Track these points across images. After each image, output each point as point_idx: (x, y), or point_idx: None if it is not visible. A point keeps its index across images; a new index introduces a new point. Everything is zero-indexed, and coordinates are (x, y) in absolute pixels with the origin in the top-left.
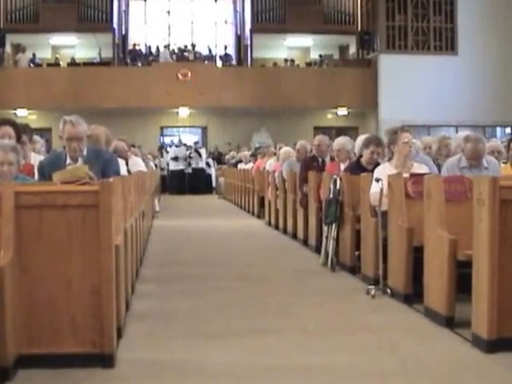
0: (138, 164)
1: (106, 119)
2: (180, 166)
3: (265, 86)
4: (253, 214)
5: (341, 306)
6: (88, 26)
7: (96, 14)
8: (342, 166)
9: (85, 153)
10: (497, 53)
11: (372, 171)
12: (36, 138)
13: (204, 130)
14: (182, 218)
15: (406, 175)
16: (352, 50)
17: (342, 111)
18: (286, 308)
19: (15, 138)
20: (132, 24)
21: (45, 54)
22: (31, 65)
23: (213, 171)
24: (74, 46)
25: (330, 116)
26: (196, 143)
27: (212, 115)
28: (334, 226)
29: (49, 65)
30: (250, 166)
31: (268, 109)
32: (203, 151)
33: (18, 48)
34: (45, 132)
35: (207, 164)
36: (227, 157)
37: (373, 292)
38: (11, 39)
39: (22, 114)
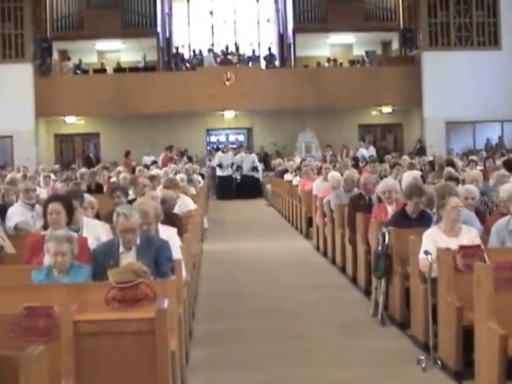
0: (188, 204)
1: (151, 124)
2: (225, 172)
3: (308, 86)
4: (301, 232)
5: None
6: (132, 32)
7: (140, 19)
8: (389, 208)
9: (138, 241)
10: None
11: (418, 220)
12: (86, 196)
13: (249, 131)
14: (230, 237)
15: (454, 247)
16: (395, 45)
17: (387, 109)
18: None
19: (65, 212)
20: (175, 26)
21: (91, 59)
22: (78, 71)
23: (260, 175)
24: (119, 50)
25: (374, 113)
26: (241, 146)
27: (257, 116)
28: (383, 280)
29: (95, 71)
30: (296, 180)
31: (312, 108)
32: (254, 158)
33: (65, 55)
34: (93, 137)
35: (255, 169)
36: (274, 162)
37: (423, 364)
38: (58, 46)
39: (71, 121)
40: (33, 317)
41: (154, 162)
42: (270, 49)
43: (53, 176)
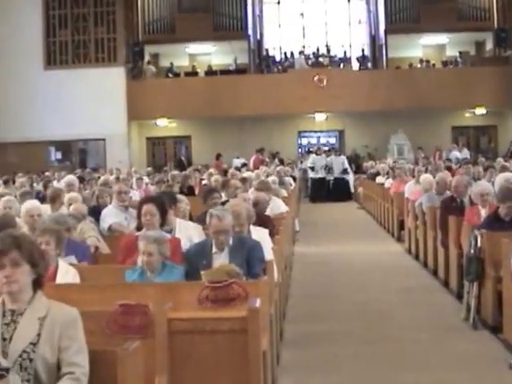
0: (279, 207)
1: (242, 126)
2: (318, 174)
3: (400, 87)
4: (392, 235)
5: None
6: (223, 34)
7: (231, 22)
8: (483, 211)
9: (230, 242)
10: None
11: (511, 223)
12: (179, 197)
13: (341, 133)
14: (322, 240)
15: None
16: (489, 46)
17: (480, 110)
18: None
19: (159, 214)
20: (266, 28)
21: (182, 63)
22: (169, 74)
23: (351, 177)
24: (210, 53)
25: (467, 115)
26: (332, 149)
27: (348, 118)
28: (475, 283)
29: (186, 74)
30: (388, 182)
31: (404, 110)
32: (343, 160)
33: (156, 58)
34: (184, 140)
35: (346, 171)
36: (365, 164)
37: None
38: (149, 50)
39: (163, 124)
40: (128, 314)
41: (244, 165)
42: (363, 50)
43: (145, 178)
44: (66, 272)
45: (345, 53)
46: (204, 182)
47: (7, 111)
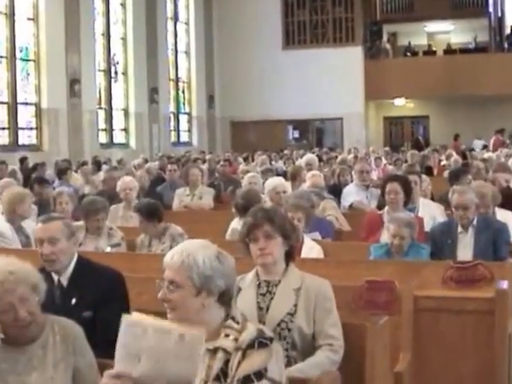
0: None
1: (482, 107)
2: None
3: None
4: None
5: None
6: (462, 12)
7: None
8: None
9: (475, 222)
10: None
11: None
12: (422, 177)
13: None
14: None
15: None
16: None
17: None
18: None
19: (403, 192)
20: (508, 5)
21: (420, 41)
22: (407, 53)
23: None
24: (449, 31)
25: None
26: None
27: None
28: None
29: (424, 53)
30: None
31: None
32: None
33: (394, 37)
34: (422, 120)
35: None
36: None
37: None
38: (387, 29)
39: (400, 103)
40: (375, 290)
41: (485, 146)
42: None
43: (383, 159)
44: (311, 248)
45: None
46: (443, 163)
47: (248, 90)
